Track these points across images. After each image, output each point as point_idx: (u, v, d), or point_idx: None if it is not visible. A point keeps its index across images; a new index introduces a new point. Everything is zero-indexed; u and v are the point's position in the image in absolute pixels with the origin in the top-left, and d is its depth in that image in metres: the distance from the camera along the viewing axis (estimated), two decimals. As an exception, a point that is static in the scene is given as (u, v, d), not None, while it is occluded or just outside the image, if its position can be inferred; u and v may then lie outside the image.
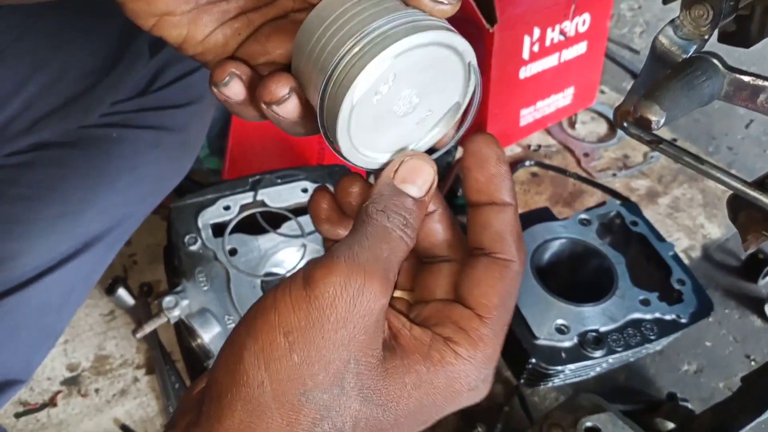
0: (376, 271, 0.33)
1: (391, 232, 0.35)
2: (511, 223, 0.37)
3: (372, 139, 0.37)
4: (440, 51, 0.35)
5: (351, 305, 0.32)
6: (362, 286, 0.32)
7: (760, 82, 0.45)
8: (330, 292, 0.32)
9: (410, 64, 0.34)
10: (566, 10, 1.16)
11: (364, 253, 0.33)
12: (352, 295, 0.32)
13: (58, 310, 0.79)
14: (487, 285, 0.36)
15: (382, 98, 0.35)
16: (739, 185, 0.51)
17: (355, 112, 0.34)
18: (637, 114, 0.42)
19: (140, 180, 0.81)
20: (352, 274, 0.32)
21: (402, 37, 0.33)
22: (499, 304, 0.36)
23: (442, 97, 0.38)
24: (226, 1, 0.39)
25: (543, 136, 1.35)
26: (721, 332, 1.05)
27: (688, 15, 0.51)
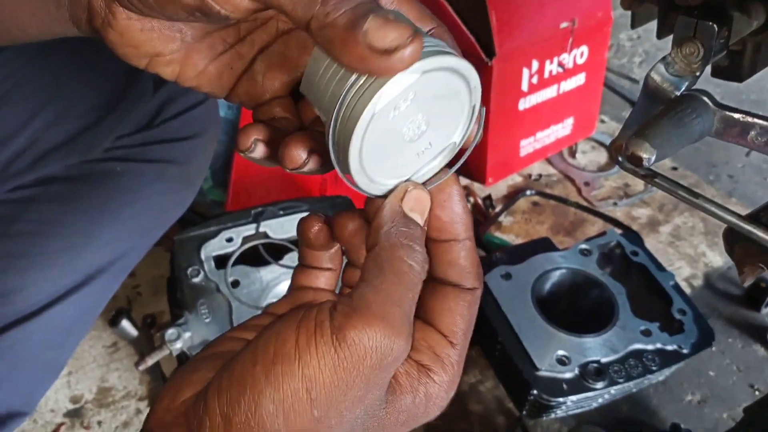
0: (405, 331, 0.33)
1: (413, 272, 0.35)
2: (472, 255, 0.39)
3: (378, 160, 0.37)
4: (458, 82, 0.36)
5: (377, 367, 0.32)
6: (390, 348, 0.32)
7: (750, 119, 0.45)
8: (360, 353, 0.32)
9: (431, 85, 0.35)
10: (564, 42, 1.18)
11: (395, 308, 0.33)
12: (379, 358, 0.32)
13: (61, 344, 0.79)
14: (457, 314, 0.38)
15: (398, 115, 0.35)
16: (733, 219, 0.52)
17: (373, 122, 0.34)
18: (628, 152, 0.43)
19: (143, 213, 0.82)
20: (385, 336, 0.32)
21: (433, 55, 0.33)
22: (467, 329, 0.39)
23: (444, 133, 0.38)
24: (210, 36, 0.41)
25: (544, 166, 1.36)
26: (724, 362, 1.04)
27: (680, 52, 0.52)
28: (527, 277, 0.91)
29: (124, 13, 0.38)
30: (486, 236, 1.15)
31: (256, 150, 0.39)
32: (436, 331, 0.38)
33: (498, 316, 0.87)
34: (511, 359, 0.83)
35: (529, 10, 1.10)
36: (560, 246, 1.04)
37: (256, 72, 0.42)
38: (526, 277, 0.91)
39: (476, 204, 1.21)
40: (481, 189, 1.28)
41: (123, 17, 0.38)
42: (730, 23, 0.53)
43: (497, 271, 0.92)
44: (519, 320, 0.86)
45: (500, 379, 0.94)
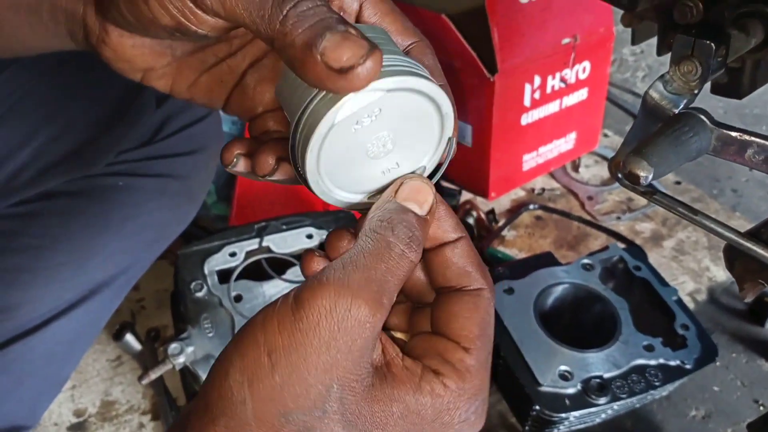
0: (366, 294, 0.32)
1: (393, 247, 0.34)
2: (469, 255, 0.38)
3: (339, 171, 0.37)
4: (427, 106, 0.36)
5: (335, 329, 0.32)
6: (348, 309, 0.32)
7: (747, 137, 0.46)
8: (314, 315, 0.32)
9: (398, 105, 0.35)
10: (566, 58, 1.18)
11: (357, 273, 0.33)
12: (337, 320, 0.32)
13: (65, 357, 0.79)
14: (464, 318, 0.37)
15: (361, 130, 0.35)
16: (732, 236, 0.52)
17: (332, 134, 0.34)
18: (626, 170, 0.43)
19: (146, 227, 0.83)
20: (339, 297, 0.32)
21: (400, 75, 0.34)
22: (480, 333, 0.37)
23: (413, 154, 0.38)
24: (201, 51, 0.42)
25: (547, 180, 1.36)
26: (728, 377, 1.04)
27: (677, 71, 0.53)
28: (530, 292, 0.91)
29: (116, 31, 0.39)
30: (489, 250, 1.15)
31: (238, 164, 0.40)
32: (446, 339, 0.37)
33: (500, 331, 0.87)
34: (513, 374, 0.83)
35: (531, 27, 1.11)
36: (563, 260, 1.04)
37: (247, 85, 0.43)
38: (529, 292, 0.91)
39: (479, 218, 1.21)
40: (484, 203, 1.29)
41: (115, 34, 0.39)
42: (727, 41, 0.54)
43: (500, 286, 0.92)
44: (521, 335, 0.86)
45: (503, 393, 0.93)
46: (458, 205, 1.23)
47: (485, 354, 0.37)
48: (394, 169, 0.38)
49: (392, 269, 0.34)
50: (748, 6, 0.55)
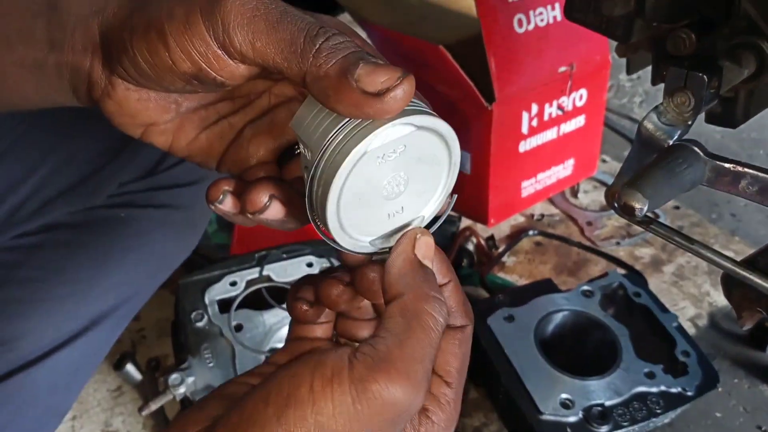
0: (425, 385, 0.34)
1: (438, 326, 0.35)
2: (456, 295, 0.40)
3: (354, 208, 0.37)
4: (443, 152, 0.37)
5: (393, 421, 0.33)
6: (411, 402, 0.33)
7: (740, 168, 0.46)
8: (379, 407, 0.32)
9: (420, 146, 0.36)
10: (563, 86, 1.20)
11: (418, 365, 0.34)
12: (399, 413, 0.33)
13: (65, 389, 0.79)
14: (450, 353, 0.39)
15: (384, 165, 0.36)
16: (729, 265, 0.52)
17: (362, 163, 0.34)
18: (621, 202, 0.44)
19: (148, 258, 0.83)
20: (408, 392, 0.33)
21: (429, 115, 0.35)
22: (460, 367, 0.39)
23: (418, 201, 0.39)
24: (204, 108, 0.43)
25: (546, 205, 1.37)
26: (730, 403, 1.03)
27: (671, 102, 0.54)
28: (530, 320, 0.91)
29: (122, 84, 0.40)
30: (489, 277, 1.16)
31: (225, 201, 0.40)
32: (433, 373, 0.38)
33: (501, 359, 0.87)
34: (514, 402, 0.83)
35: (527, 56, 1.12)
36: (564, 286, 1.05)
37: (243, 138, 0.44)
38: (529, 320, 0.91)
39: (479, 244, 1.22)
40: (484, 229, 1.29)
41: (121, 88, 0.40)
42: (720, 73, 0.55)
43: (500, 314, 0.92)
44: (522, 363, 0.86)
45: (504, 422, 0.93)
46: (458, 231, 1.23)
47: (461, 386, 0.39)
48: (398, 215, 0.39)
49: (434, 345, 0.35)
50: (740, 37, 0.56)
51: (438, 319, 0.35)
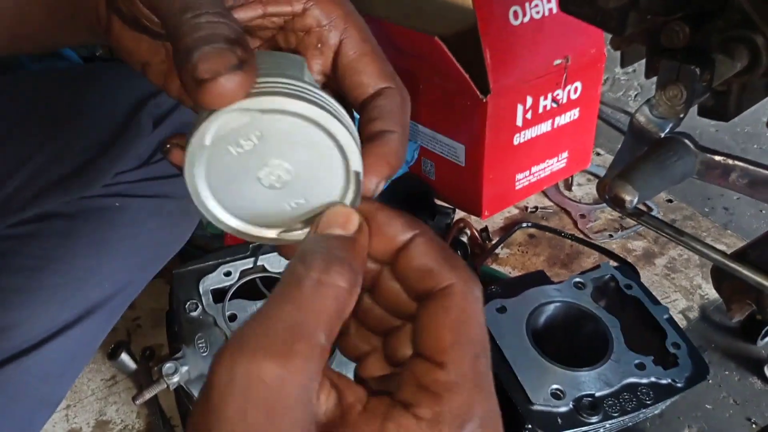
0: (268, 348, 0.27)
1: (303, 280, 0.29)
2: (428, 251, 0.33)
3: (235, 199, 0.35)
4: (321, 137, 0.33)
5: (241, 404, 0.27)
6: (247, 374, 0.27)
7: (730, 161, 0.47)
8: (216, 394, 0.27)
9: (284, 131, 0.32)
10: (558, 79, 1.20)
11: (255, 327, 0.28)
12: (240, 391, 0.27)
13: (60, 377, 0.79)
14: (432, 325, 0.31)
15: (243, 155, 0.33)
16: (718, 257, 0.53)
17: (210, 155, 0.32)
18: (611, 193, 0.44)
19: (142, 247, 0.83)
20: (234, 363, 0.27)
21: (281, 96, 0.32)
22: (455, 339, 0.31)
23: (319, 189, 0.35)
24: None
25: (540, 198, 1.37)
26: (721, 395, 1.04)
27: (663, 95, 0.54)
28: (522, 311, 0.92)
29: (118, 22, 0.41)
30: (483, 268, 1.16)
31: (173, 153, 0.38)
32: (421, 358, 0.31)
33: (493, 350, 0.87)
34: (506, 393, 0.84)
35: (522, 49, 1.12)
36: (556, 278, 1.05)
37: None
38: (521, 311, 0.92)
39: (473, 236, 1.22)
40: (478, 221, 1.30)
41: (117, 26, 0.42)
42: (712, 66, 0.55)
43: (492, 305, 0.92)
44: (514, 354, 0.87)
45: (496, 412, 0.94)
46: (452, 223, 1.24)
47: (468, 362, 0.30)
48: (303, 205, 0.35)
49: (307, 306, 0.28)
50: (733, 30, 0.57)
51: (299, 273, 0.29)
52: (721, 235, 1.30)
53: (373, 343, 0.37)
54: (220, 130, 0.32)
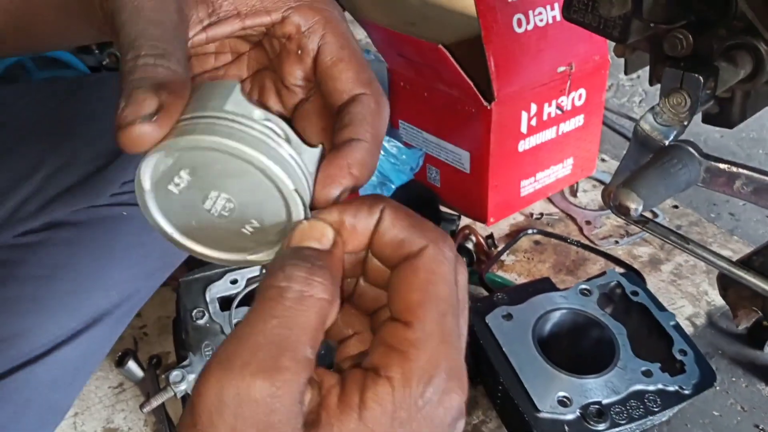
0: (255, 366, 0.27)
1: (285, 293, 0.29)
2: (397, 222, 0.33)
3: (195, 230, 0.36)
4: (243, 165, 0.34)
5: (232, 421, 0.27)
6: (237, 395, 0.27)
7: (735, 169, 0.47)
8: (206, 416, 0.27)
9: (206, 164, 0.34)
10: (562, 86, 1.20)
11: (238, 346, 0.28)
12: (231, 414, 0.27)
13: (68, 385, 0.80)
14: (401, 287, 0.32)
15: (183, 191, 0.34)
16: (724, 264, 0.53)
17: (157, 194, 0.35)
18: (616, 202, 0.44)
19: (149, 255, 0.84)
20: (222, 385, 0.27)
21: (191, 133, 0.33)
22: (422, 298, 0.31)
23: (266, 211, 0.36)
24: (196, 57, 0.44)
25: (545, 204, 1.38)
26: (728, 401, 1.04)
27: (667, 103, 0.55)
28: (528, 318, 0.92)
29: None
30: (488, 275, 1.16)
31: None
32: (390, 321, 0.32)
33: (499, 357, 0.88)
34: (512, 400, 0.84)
35: (527, 56, 1.13)
36: (562, 285, 1.05)
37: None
38: (527, 318, 0.92)
39: (478, 243, 1.22)
40: (483, 228, 1.30)
41: None
42: (716, 74, 0.55)
43: (498, 312, 0.92)
44: (520, 361, 0.87)
45: (503, 419, 0.94)
46: (457, 230, 1.24)
47: (434, 319, 0.31)
48: (258, 229, 0.36)
49: (290, 318, 0.29)
50: (736, 38, 0.57)
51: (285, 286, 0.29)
52: (727, 241, 1.30)
53: (356, 327, 0.38)
54: (154, 172, 0.34)
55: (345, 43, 0.41)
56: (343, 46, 0.41)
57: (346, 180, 0.36)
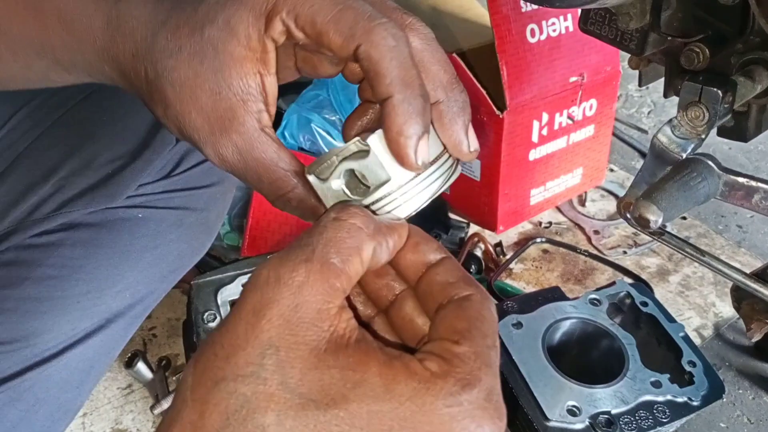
0: (301, 261, 0.32)
1: (322, 219, 0.35)
2: (455, 271, 0.37)
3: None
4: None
5: (269, 296, 0.31)
6: (277, 278, 0.32)
7: (754, 183, 0.47)
8: (251, 288, 0.32)
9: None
10: (573, 96, 1.21)
11: (296, 244, 0.33)
12: (271, 287, 0.32)
13: (79, 385, 0.80)
14: (450, 318, 0.35)
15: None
16: (739, 277, 0.53)
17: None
18: (636, 213, 0.45)
19: (163, 258, 0.84)
20: (273, 268, 0.32)
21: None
22: (470, 327, 0.34)
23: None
24: None
25: (554, 213, 1.38)
26: (735, 413, 1.04)
27: (685, 116, 0.55)
28: (538, 327, 0.92)
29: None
30: (497, 283, 1.17)
31: None
32: (434, 340, 0.34)
33: (509, 365, 0.88)
34: (522, 409, 0.84)
35: (539, 66, 1.13)
36: (570, 294, 1.05)
37: None
38: (537, 327, 0.92)
39: (487, 251, 1.23)
40: (492, 236, 1.30)
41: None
42: (734, 88, 0.56)
43: (508, 320, 0.93)
44: (530, 370, 0.87)
45: (511, 428, 0.94)
46: (466, 237, 1.24)
47: (480, 344, 0.33)
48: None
49: (318, 232, 0.34)
50: (753, 53, 0.57)
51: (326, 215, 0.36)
52: (735, 253, 1.30)
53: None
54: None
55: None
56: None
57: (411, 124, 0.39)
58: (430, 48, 0.41)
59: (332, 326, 0.32)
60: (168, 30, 0.41)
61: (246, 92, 0.40)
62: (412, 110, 0.37)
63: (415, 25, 0.41)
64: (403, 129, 0.37)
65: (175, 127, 0.42)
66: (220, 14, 0.40)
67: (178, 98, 0.40)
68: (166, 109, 0.42)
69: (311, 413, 0.29)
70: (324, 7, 0.38)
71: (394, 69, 0.37)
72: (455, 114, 0.41)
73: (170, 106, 0.41)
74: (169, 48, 0.41)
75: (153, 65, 0.41)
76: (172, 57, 0.40)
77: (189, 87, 0.40)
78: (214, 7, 0.40)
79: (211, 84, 0.39)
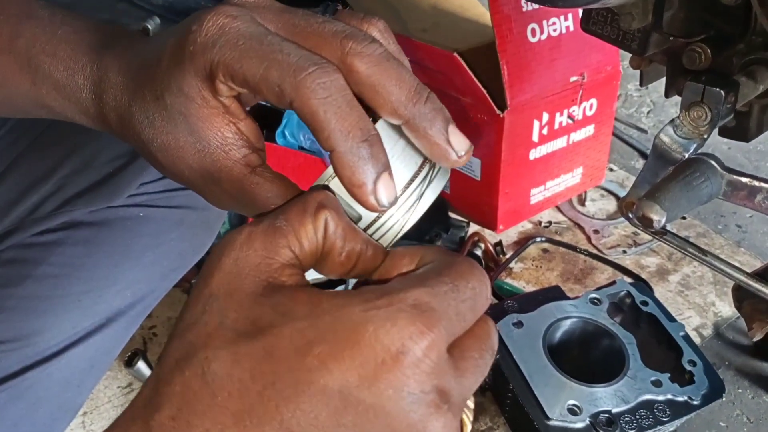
0: (247, 225, 0.35)
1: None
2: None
3: None
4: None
5: (214, 259, 0.34)
6: (224, 242, 0.34)
7: (757, 183, 0.47)
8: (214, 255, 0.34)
9: None
10: (574, 95, 1.21)
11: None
12: (218, 250, 0.34)
13: (80, 384, 0.80)
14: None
15: None
16: (741, 277, 0.54)
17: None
18: (639, 213, 0.45)
19: (164, 257, 0.84)
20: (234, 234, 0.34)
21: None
22: (426, 271, 0.34)
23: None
24: None
25: (553, 213, 1.38)
26: (735, 412, 1.04)
27: (687, 116, 0.55)
28: (538, 326, 0.92)
29: None
30: (497, 282, 1.17)
31: None
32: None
33: (509, 364, 0.88)
34: (522, 408, 0.84)
35: (540, 65, 1.14)
36: (570, 293, 1.06)
37: None
38: (538, 326, 0.92)
39: (487, 250, 1.23)
40: (492, 235, 1.30)
41: None
42: (736, 88, 0.56)
43: (509, 319, 0.93)
44: (530, 369, 0.87)
45: (511, 427, 0.94)
46: (466, 237, 1.24)
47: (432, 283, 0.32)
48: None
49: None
50: (755, 53, 0.58)
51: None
52: (734, 252, 1.30)
53: None
54: None
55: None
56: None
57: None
58: (379, 69, 0.38)
59: (271, 278, 0.33)
60: (138, 99, 0.42)
61: (225, 143, 0.40)
62: (357, 159, 0.36)
63: (358, 48, 0.37)
64: (353, 180, 0.36)
65: (175, 181, 0.44)
66: (172, 81, 0.39)
67: (167, 161, 0.41)
68: (162, 169, 0.43)
69: (243, 343, 0.31)
70: (252, 66, 0.37)
71: (330, 121, 0.36)
72: (427, 126, 0.39)
73: (164, 167, 0.42)
74: (145, 119, 0.41)
75: (137, 135, 0.42)
76: (149, 126, 0.41)
77: (173, 151, 0.41)
78: (165, 72, 0.40)
79: (191, 146, 0.40)
